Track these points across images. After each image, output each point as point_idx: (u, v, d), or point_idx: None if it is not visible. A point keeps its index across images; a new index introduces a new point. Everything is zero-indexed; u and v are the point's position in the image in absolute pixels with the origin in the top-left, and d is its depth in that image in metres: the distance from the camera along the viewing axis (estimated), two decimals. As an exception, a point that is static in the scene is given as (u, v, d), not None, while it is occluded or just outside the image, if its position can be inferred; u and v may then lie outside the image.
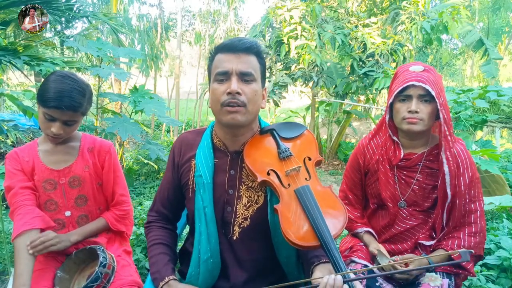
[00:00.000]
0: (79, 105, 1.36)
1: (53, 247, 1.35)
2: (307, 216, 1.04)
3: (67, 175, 1.48)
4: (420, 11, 6.36)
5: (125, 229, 1.60)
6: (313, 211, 1.04)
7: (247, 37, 1.22)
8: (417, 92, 1.42)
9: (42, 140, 1.52)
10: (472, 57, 15.20)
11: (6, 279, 2.56)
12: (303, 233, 1.03)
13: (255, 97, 1.16)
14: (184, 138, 1.34)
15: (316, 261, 1.12)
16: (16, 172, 1.44)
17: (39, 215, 1.39)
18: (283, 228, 1.04)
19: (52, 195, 1.47)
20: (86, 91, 1.41)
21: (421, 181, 1.50)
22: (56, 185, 1.47)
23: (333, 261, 0.99)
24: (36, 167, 1.45)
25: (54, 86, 1.33)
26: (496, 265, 2.09)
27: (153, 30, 12.18)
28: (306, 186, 1.10)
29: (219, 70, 1.14)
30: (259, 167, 1.16)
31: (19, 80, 9.04)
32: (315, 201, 1.06)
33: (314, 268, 1.10)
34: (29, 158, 1.46)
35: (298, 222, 1.05)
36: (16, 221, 1.35)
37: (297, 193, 1.09)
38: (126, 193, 1.60)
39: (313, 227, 1.02)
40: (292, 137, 1.25)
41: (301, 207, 1.07)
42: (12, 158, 1.46)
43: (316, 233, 1.01)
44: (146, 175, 6.15)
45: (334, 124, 9.45)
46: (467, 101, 3.17)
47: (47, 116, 1.36)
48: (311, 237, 1.02)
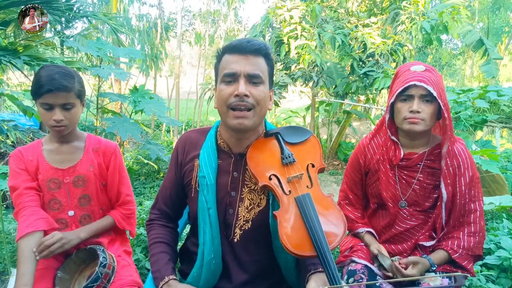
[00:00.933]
0: (70, 85, 1.39)
1: (60, 249, 1.35)
2: (305, 225, 1.04)
3: (72, 174, 1.48)
4: (420, 11, 6.37)
5: (130, 228, 1.61)
6: (311, 221, 1.03)
7: (255, 39, 1.21)
8: (419, 92, 1.41)
9: (47, 139, 1.53)
10: (472, 57, 15.20)
11: (6, 279, 2.56)
12: (300, 242, 1.02)
13: (263, 100, 1.15)
14: (188, 137, 1.34)
15: (312, 269, 1.12)
16: (20, 171, 1.44)
17: (43, 216, 1.39)
18: (280, 235, 1.04)
19: (56, 194, 1.47)
20: (74, 74, 1.45)
21: (422, 181, 1.50)
22: (60, 184, 1.47)
23: (328, 273, 0.98)
24: (41, 166, 1.46)
25: (43, 74, 1.37)
26: (496, 265, 2.08)
27: (153, 30, 12.19)
28: (307, 195, 1.09)
29: (226, 71, 1.13)
30: (261, 171, 1.16)
31: (19, 80, 9.04)
32: (314, 210, 1.05)
33: (310, 277, 1.10)
34: (33, 157, 1.46)
35: (296, 230, 1.04)
36: (20, 222, 1.35)
37: (297, 201, 1.09)
38: (131, 193, 1.62)
39: (311, 236, 1.01)
40: (297, 142, 1.24)
41: (300, 215, 1.06)
42: (16, 157, 1.46)
43: (313, 242, 1.00)
44: (146, 175, 6.16)
45: (334, 124, 9.46)
46: (467, 101, 3.17)
47: (44, 106, 1.38)
48: (307, 246, 1.01)
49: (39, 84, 1.36)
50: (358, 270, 1.46)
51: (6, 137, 3.87)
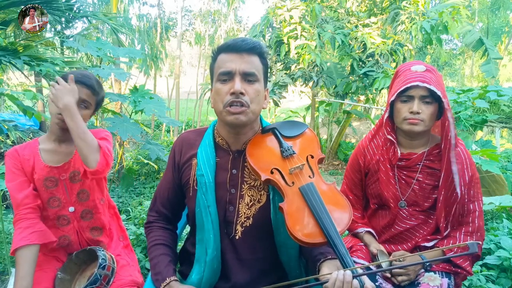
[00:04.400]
0: (98, 89, 1.49)
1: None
2: (312, 213, 1.05)
3: (67, 170, 1.47)
4: (420, 11, 6.36)
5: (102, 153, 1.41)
6: (318, 208, 1.04)
7: (249, 38, 1.22)
8: (419, 93, 1.41)
9: (44, 139, 1.51)
10: (472, 57, 15.20)
11: (6, 279, 2.56)
12: (310, 231, 1.03)
13: (258, 97, 1.17)
14: (184, 137, 1.34)
15: (322, 258, 1.12)
16: (16, 172, 1.43)
17: (39, 229, 1.38)
18: (289, 226, 1.04)
19: (54, 192, 1.46)
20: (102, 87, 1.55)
21: (421, 181, 1.50)
22: (57, 182, 1.46)
23: (340, 257, 0.99)
24: (36, 166, 1.45)
25: (76, 72, 1.48)
26: (496, 265, 2.09)
27: (153, 30, 12.18)
28: (311, 184, 1.10)
29: (222, 70, 1.15)
30: (262, 166, 1.17)
31: (19, 80, 9.04)
32: (320, 198, 1.07)
33: (321, 265, 1.10)
34: (29, 157, 1.45)
35: (304, 219, 1.05)
36: (15, 234, 1.36)
37: (301, 190, 1.10)
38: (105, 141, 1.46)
39: (319, 224, 1.02)
40: (294, 135, 1.26)
41: (306, 204, 1.07)
42: (12, 156, 1.45)
43: (322, 229, 1.01)
44: (146, 175, 6.15)
45: (334, 124, 9.46)
46: (467, 101, 3.17)
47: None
48: (317, 234, 1.02)
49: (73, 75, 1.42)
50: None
51: (6, 137, 3.88)
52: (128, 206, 4.12)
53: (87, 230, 1.53)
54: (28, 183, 1.43)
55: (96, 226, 1.55)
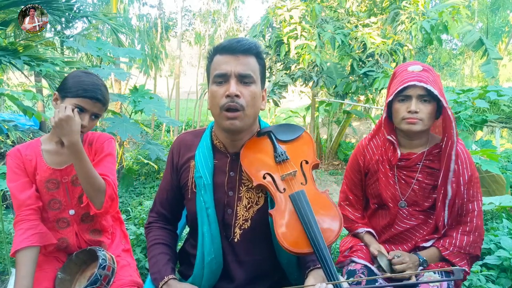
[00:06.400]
0: (107, 97, 1.46)
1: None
2: (300, 221, 1.03)
3: (70, 173, 1.46)
4: (420, 11, 6.36)
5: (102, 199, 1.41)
6: (306, 217, 1.02)
7: (246, 38, 1.20)
8: (417, 92, 1.42)
9: (46, 139, 1.50)
10: (472, 57, 15.20)
11: (6, 279, 2.56)
12: (296, 239, 1.02)
13: (254, 100, 1.15)
14: (182, 139, 1.34)
15: (311, 265, 1.12)
16: (19, 172, 1.41)
17: (40, 231, 1.38)
18: (276, 233, 1.03)
19: (55, 194, 1.45)
20: (108, 91, 1.50)
21: (421, 181, 1.50)
22: (59, 184, 1.45)
23: (326, 269, 0.98)
24: (39, 167, 1.43)
25: (87, 80, 1.40)
26: (496, 265, 2.09)
27: (153, 30, 12.17)
28: (301, 191, 1.09)
29: (217, 72, 1.14)
30: (255, 171, 1.16)
31: (19, 80, 9.04)
32: (309, 207, 1.05)
33: (309, 273, 1.10)
34: (32, 157, 1.44)
35: (291, 227, 1.04)
36: (17, 235, 1.35)
37: (291, 198, 1.08)
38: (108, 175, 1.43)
39: (306, 233, 1.01)
40: (290, 139, 1.23)
41: (295, 212, 1.05)
42: (14, 156, 1.43)
43: (309, 239, 1.00)
44: (146, 175, 6.16)
45: (334, 124, 9.46)
46: (467, 101, 3.18)
47: (78, 106, 1.36)
48: (304, 244, 1.01)
49: (83, 87, 1.36)
50: (357, 270, 1.46)
51: (6, 137, 3.88)
52: (128, 206, 4.12)
53: (87, 232, 1.52)
54: (31, 184, 1.42)
55: (96, 228, 1.55)
